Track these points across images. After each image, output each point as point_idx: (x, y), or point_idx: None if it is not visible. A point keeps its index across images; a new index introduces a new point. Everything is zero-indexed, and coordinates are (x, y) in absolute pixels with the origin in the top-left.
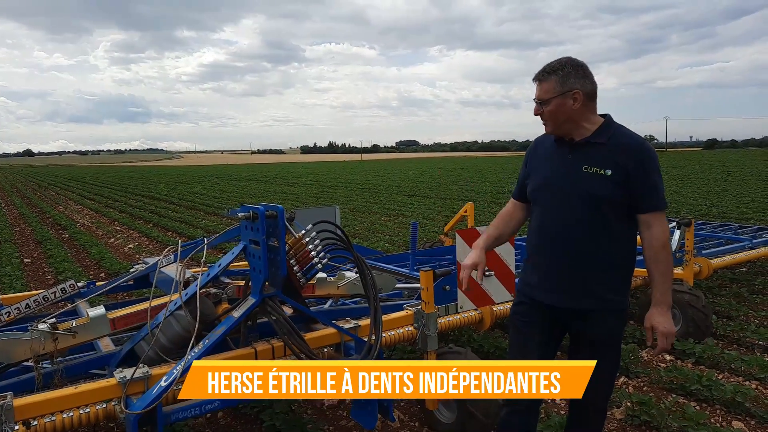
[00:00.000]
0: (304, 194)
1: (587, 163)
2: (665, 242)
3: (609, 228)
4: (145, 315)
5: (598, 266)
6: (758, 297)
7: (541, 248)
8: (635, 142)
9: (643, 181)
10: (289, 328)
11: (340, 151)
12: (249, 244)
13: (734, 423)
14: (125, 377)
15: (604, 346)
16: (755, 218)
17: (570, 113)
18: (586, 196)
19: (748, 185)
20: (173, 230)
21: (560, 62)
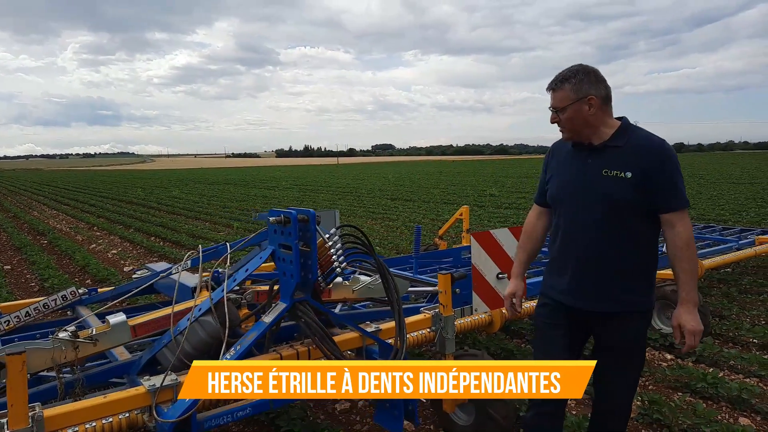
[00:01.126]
0: (285, 198)
1: (606, 166)
2: (689, 241)
3: (630, 230)
4: (167, 322)
5: (620, 269)
6: (747, 296)
7: (562, 252)
8: (654, 144)
9: (663, 182)
10: (321, 332)
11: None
12: (278, 248)
13: (741, 419)
14: (154, 385)
15: (627, 349)
16: (732, 220)
17: (587, 118)
18: (607, 199)
19: (721, 188)
20: (156, 235)
21: (572, 70)
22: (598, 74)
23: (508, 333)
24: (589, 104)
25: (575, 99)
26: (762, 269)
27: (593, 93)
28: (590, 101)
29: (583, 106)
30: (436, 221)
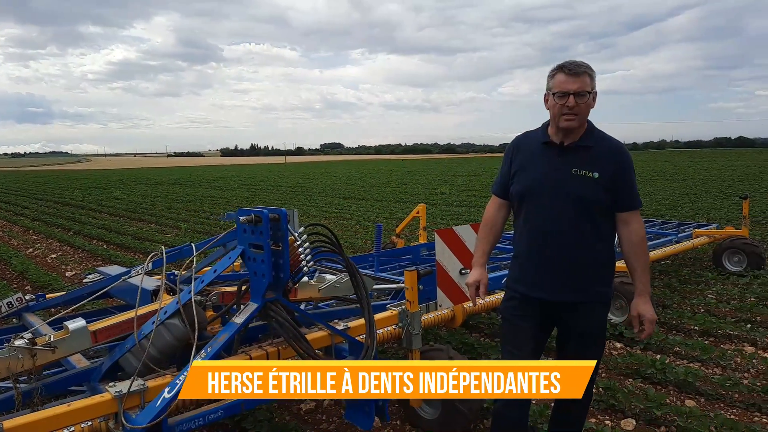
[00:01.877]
0: (234, 198)
1: (576, 166)
2: (643, 236)
3: (596, 227)
4: (129, 326)
5: (588, 263)
6: (687, 286)
7: (532, 247)
8: (617, 146)
9: (624, 183)
10: (294, 332)
11: (262, 154)
12: (248, 248)
13: (687, 402)
14: (121, 391)
15: (591, 337)
16: (669, 214)
17: (590, 110)
18: (576, 197)
19: (657, 184)
20: (99, 238)
21: (584, 64)
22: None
23: (468, 328)
24: (594, 98)
25: (593, 87)
26: (699, 260)
27: (596, 89)
28: (595, 95)
29: (590, 100)
30: (390, 219)
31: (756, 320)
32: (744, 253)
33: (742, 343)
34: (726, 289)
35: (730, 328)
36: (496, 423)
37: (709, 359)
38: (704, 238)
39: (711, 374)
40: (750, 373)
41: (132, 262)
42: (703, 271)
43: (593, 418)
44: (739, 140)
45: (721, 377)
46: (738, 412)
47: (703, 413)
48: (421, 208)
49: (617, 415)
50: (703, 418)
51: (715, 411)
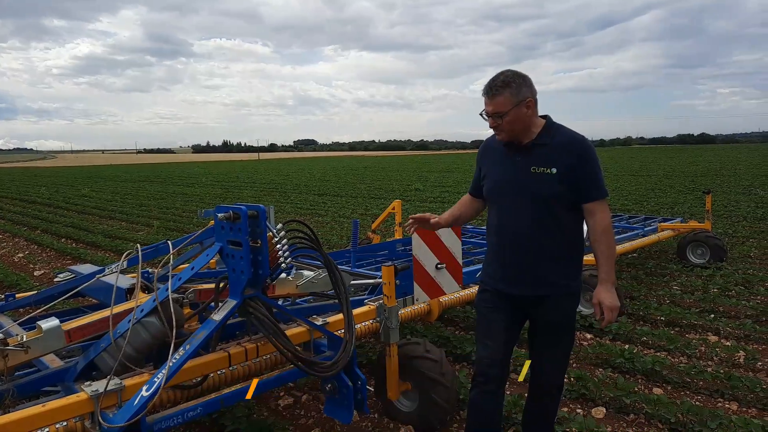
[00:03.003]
0: (207, 195)
1: (534, 164)
2: (607, 227)
3: (559, 222)
4: (104, 325)
5: (553, 258)
6: (653, 278)
7: (500, 245)
8: (575, 140)
9: (585, 175)
10: (274, 328)
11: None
12: (226, 245)
13: (655, 390)
14: (97, 391)
15: (560, 328)
16: (635, 209)
17: (525, 120)
18: (536, 195)
19: (623, 180)
20: (67, 237)
21: (509, 75)
22: (529, 78)
23: (444, 321)
24: (527, 106)
25: (516, 103)
26: (664, 253)
27: (529, 96)
28: (528, 103)
29: (522, 109)
30: (365, 216)
31: (719, 310)
32: (707, 246)
33: (705, 333)
34: (690, 280)
35: (694, 318)
36: (472, 413)
37: (675, 348)
38: (669, 231)
39: (677, 363)
40: (713, 361)
41: (103, 260)
42: (668, 264)
43: (565, 407)
44: (702, 137)
45: (687, 365)
46: (703, 399)
47: (670, 401)
48: (397, 204)
49: (588, 404)
50: (670, 405)
51: (681, 398)
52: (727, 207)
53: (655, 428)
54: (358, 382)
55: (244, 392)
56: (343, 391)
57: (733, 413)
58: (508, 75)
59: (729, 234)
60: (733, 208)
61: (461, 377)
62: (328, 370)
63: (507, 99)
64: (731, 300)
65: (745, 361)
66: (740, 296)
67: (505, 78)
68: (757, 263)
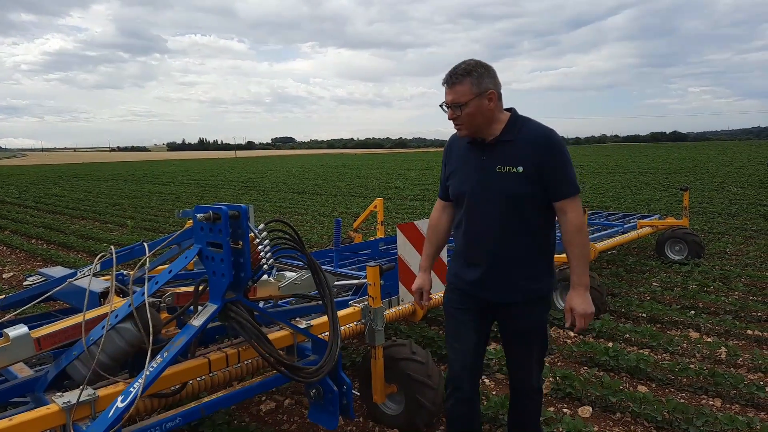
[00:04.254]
0: (184, 194)
1: (500, 162)
2: (580, 226)
3: (528, 222)
4: (77, 331)
5: (522, 261)
6: (633, 275)
7: (466, 246)
8: (541, 135)
9: (554, 172)
10: (257, 333)
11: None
12: (206, 247)
13: (639, 387)
14: (69, 402)
15: (530, 334)
16: (613, 206)
17: (486, 114)
18: (503, 196)
19: (600, 177)
20: (38, 237)
21: (470, 64)
22: (493, 70)
23: (428, 321)
24: (489, 99)
25: (477, 94)
26: (643, 250)
27: (492, 88)
28: (490, 96)
29: (484, 101)
30: (345, 214)
31: (699, 306)
32: (685, 243)
33: (687, 329)
34: (669, 277)
35: (675, 315)
36: (451, 425)
37: (658, 345)
38: (648, 228)
39: (660, 360)
40: (696, 357)
41: (75, 261)
42: (647, 260)
43: (552, 407)
44: (674, 135)
45: (670, 363)
46: (687, 396)
47: (656, 399)
48: (379, 202)
49: (575, 403)
50: (656, 403)
51: (666, 396)
52: (701, 203)
53: (641, 427)
54: (343, 386)
55: (226, 401)
56: (328, 396)
57: (717, 410)
58: (470, 63)
59: (705, 230)
60: (708, 205)
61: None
62: (312, 375)
63: (467, 88)
64: (710, 296)
65: (727, 357)
66: (719, 292)
67: (466, 66)
68: (734, 259)
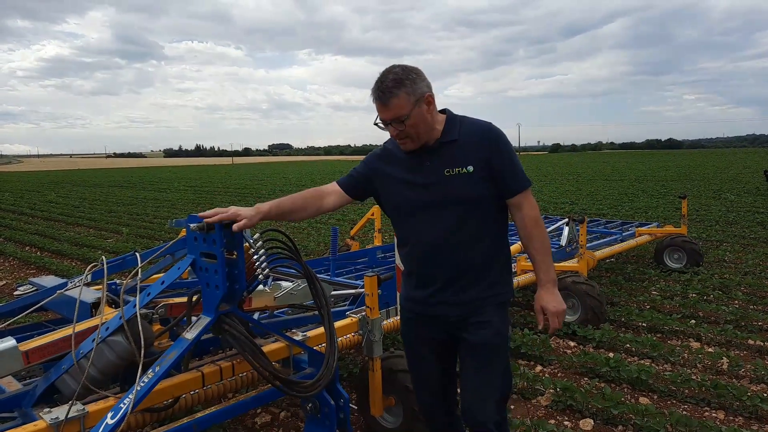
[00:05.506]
0: (180, 201)
1: (447, 165)
2: (536, 219)
3: (484, 226)
4: (66, 344)
5: (477, 267)
6: (633, 283)
7: (415, 263)
8: (484, 129)
9: (502, 166)
10: (252, 347)
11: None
12: (199, 257)
13: (641, 399)
14: (57, 418)
15: (488, 348)
16: (611, 214)
17: (427, 119)
18: (456, 200)
19: (597, 185)
20: (32, 245)
21: (398, 73)
22: (420, 71)
23: None
24: (427, 102)
25: (414, 102)
26: (641, 258)
27: (427, 90)
28: (428, 99)
29: (423, 107)
30: (342, 222)
31: (699, 316)
32: (684, 251)
33: (688, 339)
34: (669, 285)
35: (675, 324)
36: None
37: (659, 356)
38: (646, 236)
39: (662, 371)
40: (698, 368)
41: (69, 270)
42: (646, 269)
43: (553, 419)
44: (669, 142)
45: (672, 374)
46: (690, 408)
47: (658, 411)
48: (376, 210)
49: (576, 416)
50: (658, 415)
51: (668, 408)
52: (699, 211)
53: None
54: (340, 400)
55: (220, 416)
56: (324, 411)
57: (721, 423)
58: (398, 72)
59: (703, 238)
60: (705, 212)
61: None
62: (309, 389)
63: (403, 100)
64: (710, 305)
65: (729, 368)
66: (719, 301)
67: (395, 76)
68: (732, 267)
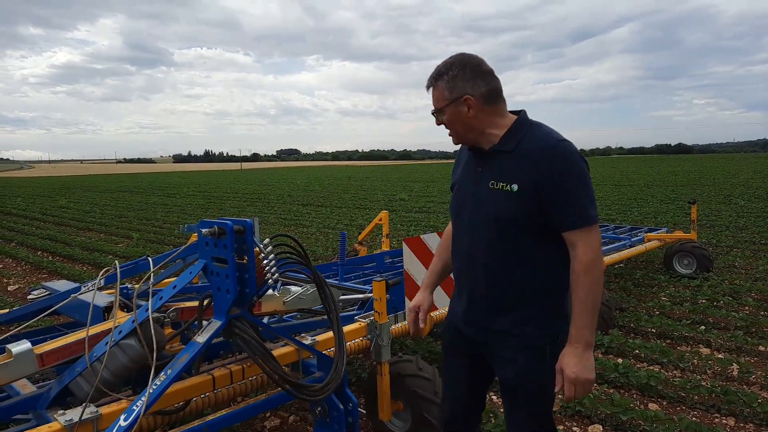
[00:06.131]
0: (189, 206)
1: (493, 177)
2: (589, 265)
3: (523, 253)
4: (80, 347)
5: (513, 298)
6: (642, 289)
7: (456, 274)
8: (546, 146)
9: (556, 195)
10: (262, 350)
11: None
12: (210, 262)
13: (650, 405)
14: (71, 420)
15: (517, 390)
16: (620, 219)
17: (468, 122)
18: (492, 217)
19: (606, 190)
20: (44, 249)
21: (447, 63)
22: (476, 68)
23: (435, 336)
24: (467, 106)
25: (450, 99)
26: (650, 263)
27: (469, 92)
28: (467, 102)
29: (461, 108)
30: (350, 227)
31: (709, 322)
32: (693, 256)
33: (697, 345)
34: (678, 291)
35: (685, 330)
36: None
37: (669, 362)
38: (655, 242)
39: (671, 377)
40: (708, 374)
41: (80, 274)
42: (655, 274)
43: (561, 425)
44: (679, 147)
45: (682, 380)
46: (699, 414)
47: (667, 417)
48: (384, 215)
49: (584, 422)
50: (668, 422)
51: (678, 414)
52: (708, 216)
53: None
54: (349, 404)
55: (230, 419)
56: (333, 415)
57: (732, 429)
58: (447, 63)
59: (713, 244)
60: (715, 218)
61: None
62: (318, 393)
63: (440, 93)
64: (720, 311)
65: (739, 374)
66: (729, 307)
67: (441, 67)
68: (743, 273)
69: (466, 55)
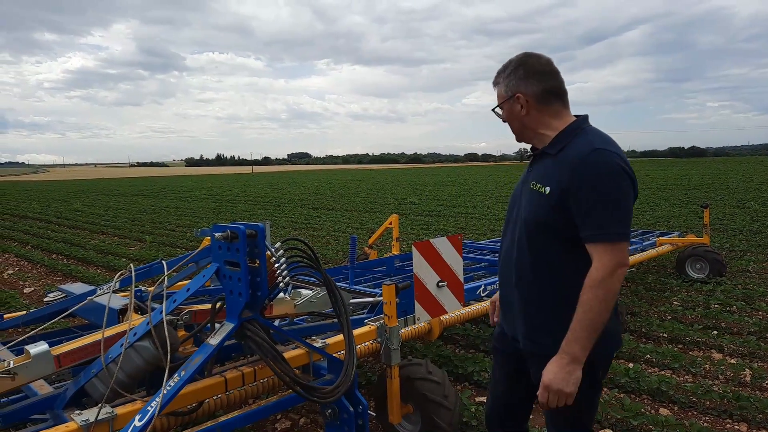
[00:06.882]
0: (201, 209)
1: (535, 178)
2: (598, 283)
3: (549, 259)
4: (95, 349)
5: (537, 304)
6: (653, 293)
7: (499, 272)
8: (579, 153)
9: (577, 205)
10: (273, 353)
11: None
12: (223, 265)
13: (661, 410)
14: (88, 420)
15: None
16: (632, 222)
17: (522, 120)
18: (524, 218)
19: None
20: (58, 252)
21: (508, 62)
22: (531, 66)
23: (444, 340)
24: (519, 103)
25: (506, 96)
26: (662, 268)
27: (522, 90)
28: (518, 99)
29: (515, 106)
30: (360, 230)
31: (721, 327)
32: (706, 261)
33: (709, 350)
34: (690, 296)
35: (697, 335)
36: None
37: (680, 367)
38: (668, 246)
39: (683, 382)
40: (719, 379)
41: (95, 276)
42: (667, 279)
43: None
44: (692, 150)
45: (693, 385)
46: (711, 420)
47: (678, 422)
48: (394, 218)
49: (595, 426)
50: (679, 427)
51: (689, 419)
52: (722, 220)
53: None
54: (359, 407)
55: (242, 420)
56: (343, 417)
57: None
58: (507, 62)
59: (726, 248)
60: (729, 222)
61: (464, 399)
62: (328, 395)
63: (499, 90)
64: (733, 316)
65: (751, 379)
66: (742, 312)
67: (506, 63)
68: (757, 278)
69: (527, 54)
